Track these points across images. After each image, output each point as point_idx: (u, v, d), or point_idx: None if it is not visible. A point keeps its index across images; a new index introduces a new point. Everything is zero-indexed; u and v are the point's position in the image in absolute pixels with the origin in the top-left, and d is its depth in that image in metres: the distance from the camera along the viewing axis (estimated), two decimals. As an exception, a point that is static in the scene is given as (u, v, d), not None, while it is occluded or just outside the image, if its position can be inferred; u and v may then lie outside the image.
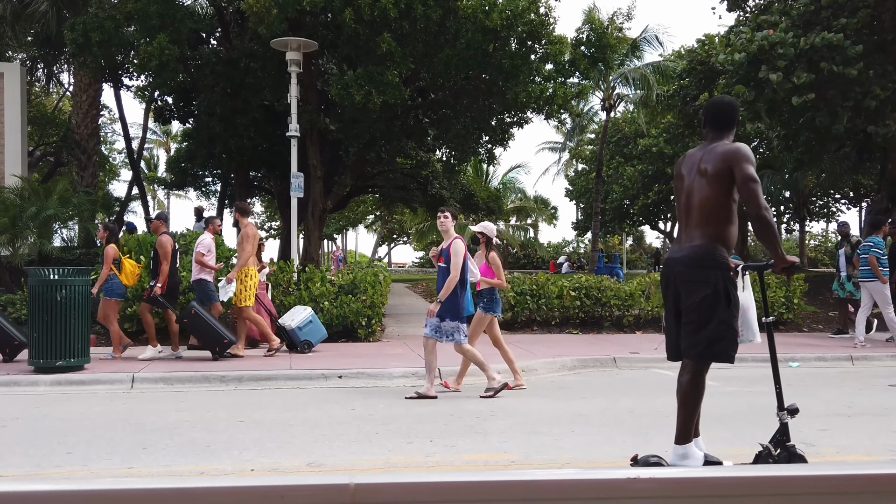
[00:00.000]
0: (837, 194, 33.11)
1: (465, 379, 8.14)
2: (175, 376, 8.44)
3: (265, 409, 7.03)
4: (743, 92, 15.79)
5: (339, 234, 59.77)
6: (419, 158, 21.93)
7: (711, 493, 1.27)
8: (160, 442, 5.58)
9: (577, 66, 16.20)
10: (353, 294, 11.91)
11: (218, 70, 16.60)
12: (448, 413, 6.65)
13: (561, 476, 1.12)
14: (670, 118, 30.02)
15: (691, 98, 22.54)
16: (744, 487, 1.30)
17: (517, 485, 1.05)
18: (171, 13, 14.76)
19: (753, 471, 1.28)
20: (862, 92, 15.04)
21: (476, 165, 39.07)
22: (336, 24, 14.59)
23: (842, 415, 6.66)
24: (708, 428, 6.09)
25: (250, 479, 0.96)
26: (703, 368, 4.48)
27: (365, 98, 13.92)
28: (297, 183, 13.55)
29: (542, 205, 52.27)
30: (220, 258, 11.79)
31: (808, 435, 5.74)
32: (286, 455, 5.17)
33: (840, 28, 14.74)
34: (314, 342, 10.75)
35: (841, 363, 10.40)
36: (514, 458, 5.03)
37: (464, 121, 17.16)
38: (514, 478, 1.07)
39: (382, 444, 5.49)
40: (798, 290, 14.01)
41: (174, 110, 20.90)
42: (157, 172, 46.43)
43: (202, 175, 22.89)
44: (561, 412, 6.75)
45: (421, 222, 45.07)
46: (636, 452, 4.66)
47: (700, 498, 1.27)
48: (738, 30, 17.42)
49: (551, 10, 14.44)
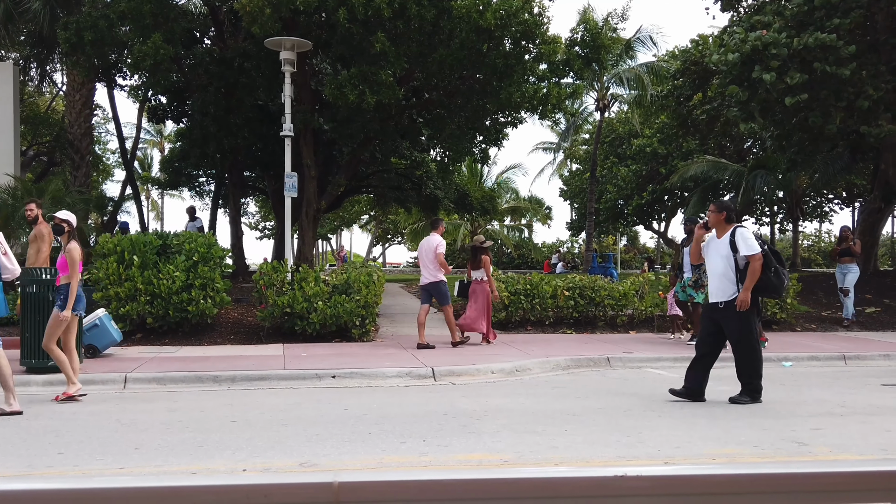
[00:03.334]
0: (830, 194, 33.18)
1: (458, 379, 8.12)
2: (168, 376, 8.42)
3: (258, 408, 7.02)
4: (736, 92, 15.83)
5: (333, 234, 59.75)
6: (413, 158, 21.91)
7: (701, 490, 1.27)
8: (152, 442, 5.56)
9: (571, 66, 16.19)
10: (347, 294, 11.89)
11: (212, 69, 16.56)
12: (442, 413, 6.65)
13: (546, 474, 1.11)
14: (664, 118, 30.08)
15: (685, 98, 22.59)
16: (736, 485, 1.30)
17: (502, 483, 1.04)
18: (165, 12, 14.71)
19: (746, 468, 1.28)
20: (855, 92, 15.09)
21: (470, 165, 39.08)
22: (330, 23, 14.56)
23: (835, 414, 6.68)
24: (699, 427, 6.11)
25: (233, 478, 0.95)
26: None
27: (359, 98, 13.89)
28: (290, 183, 13.52)
29: (537, 205, 52.33)
30: (213, 257, 11.79)
31: (801, 434, 5.76)
32: (278, 455, 5.16)
33: (833, 28, 14.77)
34: (100, 347, 9.84)
35: (834, 362, 10.44)
36: (507, 458, 5.03)
37: (458, 120, 17.14)
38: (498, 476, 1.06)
39: (376, 443, 5.48)
40: (791, 290, 14.03)
41: (168, 110, 20.83)
42: (151, 172, 46.32)
43: (196, 175, 22.84)
44: (555, 412, 6.75)
45: (415, 222, 45.03)
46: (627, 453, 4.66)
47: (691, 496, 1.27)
48: (732, 30, 17.44)
49: (545, 9, 14.43)
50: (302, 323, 11.62)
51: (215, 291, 11.60)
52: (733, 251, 7.06)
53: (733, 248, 7.07)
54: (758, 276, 6.93)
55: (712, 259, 7.25)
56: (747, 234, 7.08)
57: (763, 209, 34.60)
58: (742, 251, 7.01)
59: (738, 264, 7.05)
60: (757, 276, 6.94)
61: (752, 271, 6.93)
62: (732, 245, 7.07)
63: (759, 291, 7.05)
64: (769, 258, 7.04)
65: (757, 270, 6.94)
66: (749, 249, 6.98)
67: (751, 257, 6.95)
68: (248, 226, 47.17)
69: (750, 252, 6.97)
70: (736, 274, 7.05)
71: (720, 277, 7.12)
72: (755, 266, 6.93)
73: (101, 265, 11.37)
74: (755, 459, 5.03)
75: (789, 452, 5.21)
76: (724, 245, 7.13)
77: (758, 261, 6.94)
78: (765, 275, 6.98)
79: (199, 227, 18.34)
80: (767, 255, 7.05)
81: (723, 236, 7.19)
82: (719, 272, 7.13)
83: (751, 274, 6.93)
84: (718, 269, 7.15)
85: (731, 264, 7.06)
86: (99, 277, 11.30)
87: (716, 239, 7.28)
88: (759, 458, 5.09)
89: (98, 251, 11.63)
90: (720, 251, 7.16)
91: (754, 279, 6.93)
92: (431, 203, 23.44)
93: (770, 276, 7.01)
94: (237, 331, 12.24)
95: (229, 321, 12.69)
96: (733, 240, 7.08)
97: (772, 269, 7.03)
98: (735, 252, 7.05)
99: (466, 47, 14.01)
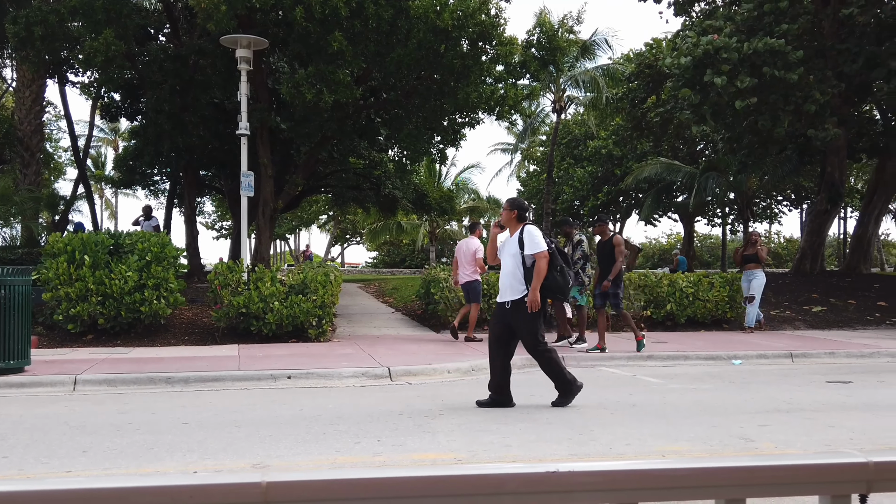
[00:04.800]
0: (780, 196, 34.01)
1: (414, 378, 8.14)
2: (119, 378, 8.29)
3: (211, 410, 6.95)
4: (689, 95, 16.14)
5: (291, 234, 59.27)
6: (371, 158, 21.85)
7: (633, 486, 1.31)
8: (101, 445, 5.47)
9: (527, 67, 16.34)
10: (304, 294, 11.83)
11: (166, 67, 16.31)
12: (398, 412, 6.67)
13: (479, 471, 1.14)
14: (619, 120, 30.51)
15: (639, 101, 22.94)
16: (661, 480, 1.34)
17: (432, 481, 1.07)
18: (118, 8, 14.45)
19: (672, 463, 1.33)
20: (802, 96, 15.50)
21: (429, 165, 39.10)
22: (287, 21, 14.46)
23: (781, 411, 6.86)
24: (650, 424, 6.23)
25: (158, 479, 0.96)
26: None
27: (316, 97, 13.83)
28: (247, 182, 13.41)
29: (495, 205, 52.55)
30: (167, 257, 11.63)
31: (748, 431, 5.90)
32: (231, 456, 5.13)
33: (782, 34, 15.16)
34: None
35: (782, 360, 10.71)
36: (461, 457, 5.07)
37: (416, 121, 17.16)
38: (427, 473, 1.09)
39: (330, 444, 5.48)
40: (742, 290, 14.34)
41: (121, 107, 20.46)
42: (105, 171, 45.44)
43: (150, 173, 22.44)
44: (509, 410, 6.82)
45: (374, 222, 44.90)
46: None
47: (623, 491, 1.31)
48: (685, 34, 17.78)
49: (502, 11, 14.53)
50: (258, 323, 11.53)
51: (169, 291, 11.45)
52: (521, 249, 6.92)
53: (521, 246, 6.93)
54: (544, 274, 6.80)
55: (504, 258, 7.10)
56: (535, 233, 6.95)
57: (715, 210, 35.29)
58: (527, 249, 6.87)
59: (525, 262, 6.90)
60: (543, 275, 6.80)
61: (538, 270, 6.79)
62: (521, 243, 6.93)
63: (545, 291, 6.89)
64: (555, 257, 6.96)
65: (543, 269, 6.80)
66: (535, 248, 6.85)
67: (537, 255, 6.81)
68: (204, 225, 46.60)
69: (535, 250, 6.83)
70: (524, 273, 6.89)
71: (509, 276, 6.96)
72: (541, 264, 6.79)
73: (52, 265, 11.13)
74: (704, 456, 5.14)
75: (736, 448, 5.34)
76: (514, 243, 6.99)
77: (543, 259, 6.81)
78: (551, 274, 6.86)
79: (154, 226, 18.09)
80: (554, 254, 6.96)
81: (514, 234, 7.04)
82: (509, 271, 6.98)
83: (537, 273, 6.78)
84: (508, 267, 6.99)
85: (520, 263, 6.91)
86: (49, 277, 11.07)
87: (509, 237, 7.13)
88: (708, 454, 5.20)
89: (48, 251, 11.38)
90: (510, 250, 7.01)
91: (541, 278, 6.78)
92: (390, 203, 23.41)
93: (556, 275, 6.92)
94: (191, 331, 12.10)
95: (183, 322, 12.54)
96: (521, 238, 6.94)
97: (557, 269, 6.94)
98: (523, 250, 6.91)
99: (424, 47, 14.04)
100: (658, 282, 14.22)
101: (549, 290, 6.92)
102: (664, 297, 14.04)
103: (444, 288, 13.54)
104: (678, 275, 14.91)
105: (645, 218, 34.31)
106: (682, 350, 10.96)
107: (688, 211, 32.24)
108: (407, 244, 51.38)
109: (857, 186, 31.57)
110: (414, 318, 15.42)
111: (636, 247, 34.83)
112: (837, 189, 19.97)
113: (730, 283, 14.29)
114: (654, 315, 14.05)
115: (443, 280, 13.73)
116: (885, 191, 20.59)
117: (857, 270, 20.12)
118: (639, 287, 14.10)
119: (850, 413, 6.72)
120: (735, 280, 14.40)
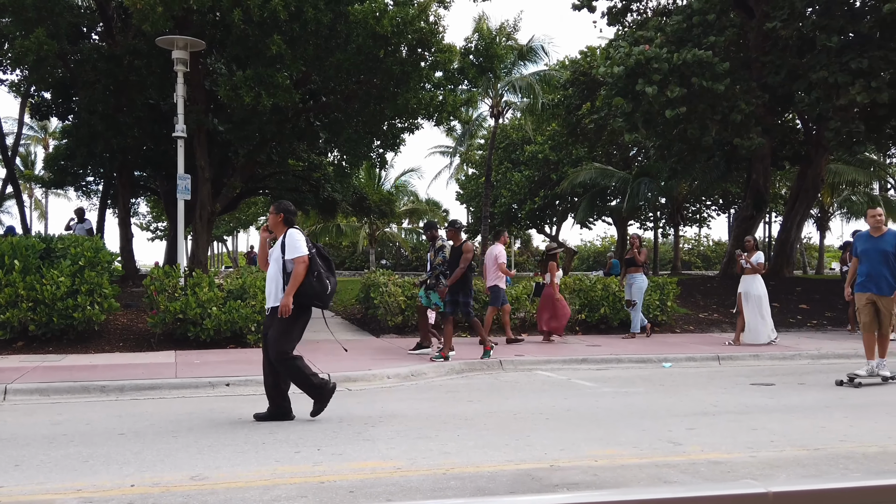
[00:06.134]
0: (708, 201, 35.15)
1: (354, 385, 8.18)
2: (52, 387, 8.12)
3: (148, 419, 6.88)
4: (621, 104, 16.58)
5: (229, 236, 58.34)
6: (311, 161, 21.77)
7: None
8: (34, 458, 5.39)
9: (465, 74, 16.53)
10: (243, 299, 11.75)
11: (100, 66, 15.93)
12: (337, 420, 6.73)
13: None
14: (555, 126, 31.07)
15: (574, 108, 23.41)
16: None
17: None
18: (49, 6, 14.06)
19: (572, 499, 1.41)
20: (729, 106, 16.09)
21: (368, 169, 39.08)
22: (225, 23, 14.31)
23: (708, 413, 7.15)
24: (584, 428, 6.44)
25: None
26: None
27: (255, 100, 13.74)
28: (183, 185, 13.22)
29: (435, 207, 52.82)
30: (101, 261, 11.40)
31: (677, 434, 6.15)
32: (169, 468, 5.12)
33: (709, 45, 15.71)
34: None
35: (709, 363, 11.12)
36: (400, 465, 5.17)
37: (355, 125, 17.18)
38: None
39: (269, 454, 5.51)
40: (671, 294, 14.81)
41: (52, 106, 19.86)
42: (35, 170, 43.94)
43: (83, 174, 21.84)
44: (448, 416, 6.95)
45: (314, 224, 44.60)
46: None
47: None
48: (618, 44, 18.25)
49: (440, 18, 14.68)
50: (195, 329, 11.40)
51: (103, 297, 11.23)
52: (283, 254, 6.71)
53: (283, 250, 6.72)
54: (300, 280, 6.57)
55: (270, 262, 6.88)
56: (296, 237, 6.71)
57: (647, 214, 36.26)
58: (287, 254, 6.66)
59: (285, 268, 6.68)
60: (299, 281, 6.57)
61: (294, 275, 6.56)
62: (283, 248, 6.73)
63: (302, 297, 6.65)
64: (314, 262, 6.70)
65: (299, 274, 6.56)
66: (293, 252, 6.62)
67: (295, 260, 6.59)
68: (139, 226, 45.43)
69: (294, 254, 6.61)
70: (284, 278, 6.68)
71: (272, 281, 6.78)
72: (297, 269, 6.56)
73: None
74: (634, 460, 5.36)
75: (665, 452, 5.57)
76: (278, 248, 6.78)
77: (301, 263, 6.57)
78: (307, 280, 6.61)
79: (88, 229, 17.62)
80: (313, 258, 6.70)
81: (279, 238, 6.84)
82: (271, 276, 6.80)
83: (293, 278, 6.56)
84: (271, 272, 6.80)
85: (281, 268, 6.70)
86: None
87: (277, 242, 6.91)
88: (638, 458, 5.42)
89: None
90: (275, 254, 6.81)
91: (296, 283, 6.55)
92: (329, 206, 23.35)
93: (312, 281, 6.65)
94: (126, 338, 11.88)
95: (118, 327, 12.30)
96: (283, 242, 6.74)
97: (314, 274, 6.68)
98: (284, 255, 6.70)
99: (363, 52, 14.09)
100: (592, 285, 14.56)
101: (304, 297, 6.66)
102: (598, 300, 14.38)
103: (384, 292, 13.61)
104: (612, 278, 15.30)
105: (580, 221, 35.05)
106: (616, 353, 11.28)
107: (621, 215, 33.06)
108: (347, 246, 51.20)
109: (781, 192, 32.83)
110: (354, 322, 15.44)
111: (572, 249, 35.50)
112: (762, 195, 20.78)
113: (661, 287, 14.72)
114: (588, 318, 14.38)
115: (382, 284, 13.79)
116: (806, 197, 21.47)
117: (781, 274, 20.95)
118: (574, 291, 14.41)
119: (771, 415, 7.06)
120: (666, 284, 14.83)
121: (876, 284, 8.80)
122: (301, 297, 6.64)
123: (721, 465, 5.18)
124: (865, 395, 8.25)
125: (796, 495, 1.34)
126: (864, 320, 8.98)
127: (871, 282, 8.84)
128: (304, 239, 6.76)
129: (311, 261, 6.65)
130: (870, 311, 8.91)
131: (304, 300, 6.70)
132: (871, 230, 9.00)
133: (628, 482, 4.79)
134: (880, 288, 8.78)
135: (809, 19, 15.71)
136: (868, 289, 8.88)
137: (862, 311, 9.03)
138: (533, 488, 4.65)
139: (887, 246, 8.77)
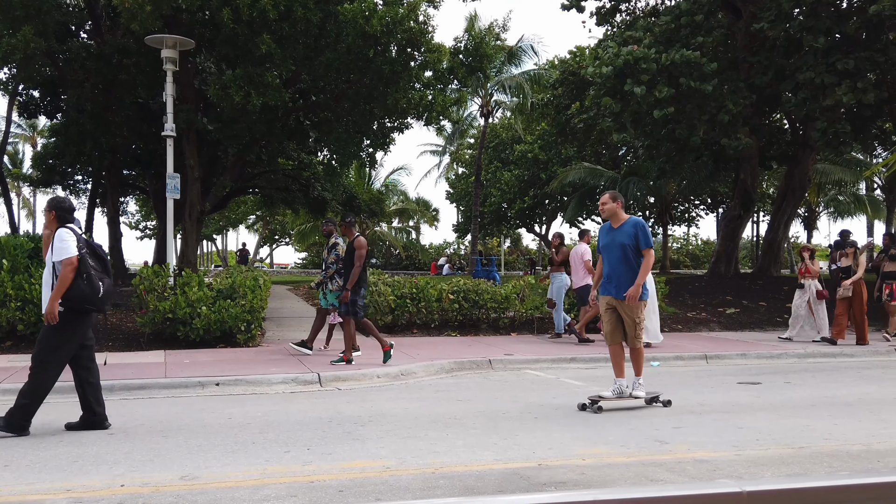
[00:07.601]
0: (697, 200, 35.33)
1: (343, 384, 8.21)
2: (40, 388, 8.09)
3: (137, 419, 6.89)
4: (610, 104, 16.65)
5: (218, 235, 58.17)
6: (301, 160, 21.77)
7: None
8: (23, 458, 5.40)
9: (455, 73, 16.58)
10: (232, 299, 11.74)
11: (88, 65, 15.89)
12: (327, 419, 6.75)
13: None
14: (545, 126, 31.16)
15: (564, 107, 23.48)
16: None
17: None
18: (37, 4, 14.02)
19: (555, 498, 1.45)
20: (716, 106, 16.19)
21: (358, 168, 39.09)
22: (214, 22, 14.31)
23: (694, 412, 7.20)
24: (572, 427, 6.49)
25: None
26: None
27: (244, 99, 13.74)
28: (172, 184, 13.20)
29: (424, 207, 52.84)
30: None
31: (663, 433, 6.21)
32: (158, 468, 5.13)
33: (697, 46, 15.81)
34: None
35: (697, 362, 11.20)
36: (389, 464, 5.21)
37: (345, 124, 17.20)
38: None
39: (259, 453, 5.54)
40: (659, 292, 14.88)
41: (41, 105, 19.81)
42: (22, 169, 43.69)
43: (72, 172, 21.77)
44: (437, 416, 6.98)
45: (303, 223, 44.52)
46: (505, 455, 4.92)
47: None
48: (606, 44, 18.33)
49: (430, 18, 14.73)
50: (185, 329, 11.40)
51: (91, 297, 11.18)
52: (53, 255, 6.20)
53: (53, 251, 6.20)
54: (67, 284, 6.04)
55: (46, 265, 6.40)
56: (64, 236, 6.14)
57: (636, 214, 36.38)
58: (54, 255, 6.13)
59: (55, 270, 6.15)
60: (66, 285, 6.04)
61: (61, 278, 6.04)
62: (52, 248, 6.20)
63: (72, 302, 6.11)
64: (84, 264, 6.13)
65: (65, 278, 6.03)
66: (59, 254, 6.09)
67: (62, 262, 6.07)
68: (127, 225, 45.23)
69: (59, 257, 6.09)
70: (53, 281, 6.16)
71: (46, 286, 6.30)
72: (64, 273, 6.04)
73: (-34, 270, 10.77)
74: (621, 459, 5.41)
75: (651, 451, 5.62)
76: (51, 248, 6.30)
77: (67, 266, 6.05)
78: (76, 282, 6.07)
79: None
80: (83, 259, 6.13)
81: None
82: (45, 279, 6.32)
83: (59, 281, 6.04)
84: (45, 275, 6.32)
85: (52, 271, 6.20)
86: (-38, 283, 10.70)
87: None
88: (625, 457, 5.47)
89: None
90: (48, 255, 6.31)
91: (62, 287, 6.03)
92: (319, 204, 23.35)
93: (81, 284, 6.11)
94: (115, 337, 11.86)
95: (107, 327, 12.27)
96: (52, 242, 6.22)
97: (84, 276, 6.12)
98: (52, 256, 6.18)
99: (353, 52, 14.11)
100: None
101: (74, 302, 6.13)
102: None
103: (373, 291, 13.63)
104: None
105: (569, 220, 35.18)
106: (604, 353, 11.31)
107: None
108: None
109: (769, 192, 33.05)
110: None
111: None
112: (750, 195, 20.92)
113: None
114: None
115: (372, 284, 13.81)
116: (793, 197, 21.62)
117: (769, 273, 21.09)
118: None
119: (757, 414, 7.12)
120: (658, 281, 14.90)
121: (616, 286, 7.20)
122: (70, 301, 6.12)
123: (706, 464, 5.24)
124: (850, 395, 8.33)
125: (770, 494, 1.39)
126: (606, 329, 7.46)
127: (611, 283, 7.25)
128: (75, 238, 6.19)
129: (80, 262, 6.10)
130: (611, 317, 7.35)
131: (74, 305, 6.16)
132: (611, 222, 7.37)
133: (615, 481, 4.84)
134: (620, 291, 7.17)
135: (796, 20, 15.82)
136: (608, 291, 7.30)
137: (603, 318, 7.54)
138: (521, 487, 4.70)
139: (625, 238, 7.17)
